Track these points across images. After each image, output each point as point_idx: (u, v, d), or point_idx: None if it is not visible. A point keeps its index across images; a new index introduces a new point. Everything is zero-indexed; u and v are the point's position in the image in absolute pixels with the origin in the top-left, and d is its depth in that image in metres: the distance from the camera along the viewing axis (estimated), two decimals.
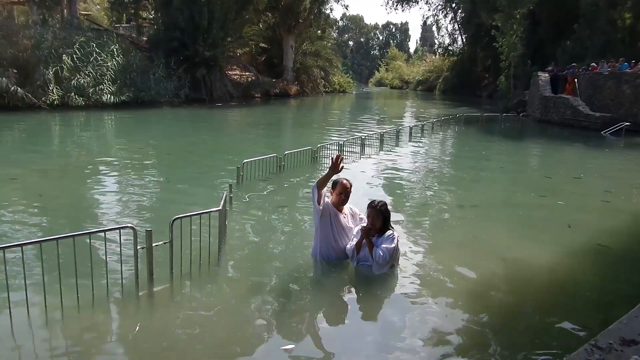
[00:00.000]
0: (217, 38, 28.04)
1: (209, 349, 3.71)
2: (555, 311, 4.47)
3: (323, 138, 15.43)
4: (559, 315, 4.34)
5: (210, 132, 17.66)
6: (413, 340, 3.87)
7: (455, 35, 59.93)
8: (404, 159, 12.59)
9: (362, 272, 4.90)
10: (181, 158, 12.01)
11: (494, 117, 23.25)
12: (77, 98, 20.97)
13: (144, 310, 4.40)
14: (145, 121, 20.01)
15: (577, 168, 12.23)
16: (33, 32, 21.78)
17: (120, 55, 23.86)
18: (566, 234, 6.66)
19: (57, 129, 17.11)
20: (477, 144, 16.80)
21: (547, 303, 4.69)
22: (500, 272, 5.29)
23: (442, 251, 5.95)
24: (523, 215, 7.64)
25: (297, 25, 38.56)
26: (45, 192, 8.16)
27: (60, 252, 4.12)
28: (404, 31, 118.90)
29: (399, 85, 74.38)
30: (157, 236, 4.61)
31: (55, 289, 4.09)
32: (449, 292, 4.75)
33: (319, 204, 4.86)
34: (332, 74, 47.28)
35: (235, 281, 4.93)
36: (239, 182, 8.45)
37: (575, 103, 21.12)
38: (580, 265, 5.67)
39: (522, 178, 11.08)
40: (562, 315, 4.34)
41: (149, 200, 8.05)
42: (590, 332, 3.60)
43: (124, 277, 4.51)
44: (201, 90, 28.21)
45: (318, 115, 28.90)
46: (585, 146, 16.29)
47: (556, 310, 4.51)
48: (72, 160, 11.50)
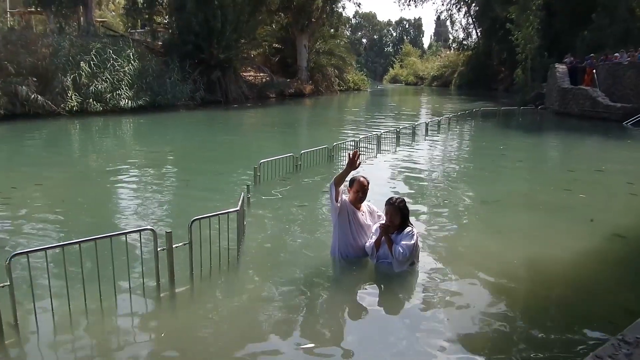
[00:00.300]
0: (231, 40, 28.18)
1: (229, 349, 3.73)
2: (580, 306, 4.40)
3: (339, 136, 15.41)
4: (584, 310, 4.27)
5: (226, 134, 17.78)
6: (435, 338, 3.84)
7: (470, 29, 59.46)
8: (420, 155, 12.50)
9: (382, 269, 4.88)
10: (198, 160, 12.11)
11: (511, 110, 22.97)
12: (95, 104, 21.27)
13: (166, 311, 4.44)
14: (162, 125, 20.22)
15: (599, 160, 12.00)
16: (51, 40, 22.14)
17: (136, 60, 24.13)
18: (589, 227, 6.54)
19: (77, 135, 17.38)
20: (495, 138, 16.61)
21: (571, 298, 4.61)
22: (522, 267, 5.22)
23: (463, 247, 5.89)
24: (544, 210, 7.52)
25: (310, 24, 38.56)
26: (67, 196, 8.29)
27: (82, 255, 4.18)
28: (418, 27, 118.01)
29: (413, 82, 73.86)
30: (176, 238, 4.65)
31: (78, 291, 4.15)
32: (471, 288, 4.70)
33: (337, 202, 4.85)
34: (346, 72, 47.16)
35: (255, 281, 4.95)
36: (256, 183, 8.48)
37: (594, 94, 20.74)
38: (604, 258, 5.56)
39: (542, 172, 10.92)
40: (587, 310, 4.27)
41: (168, 202, 8.13)
42: (616, 326, 3.52)
43: (145, 278, 4.55)
44: (216, 92, 28.38)
45: (333, 113, 28.87)
46: (606, 138, 15.99)
47: (581, 304, 4.43)
48: (93, 164, 11.67)
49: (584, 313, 4.23)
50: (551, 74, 24.82)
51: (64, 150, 13.88)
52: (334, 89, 43.00)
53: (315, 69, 40.70)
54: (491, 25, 45.38)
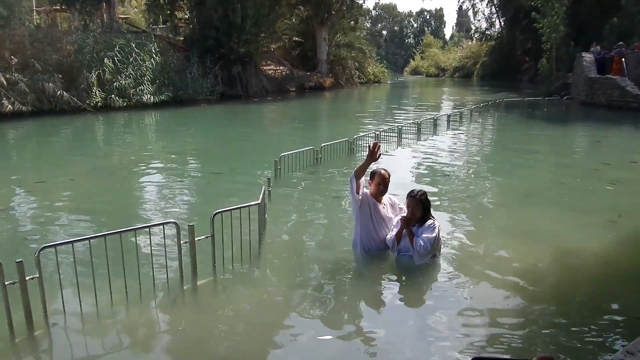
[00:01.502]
0: (251, 34, 28.24)
1: (250, 340, 3.76)
2: (609, 301, 4.29)
3: (359, 129, 15.33)
4: (613, 305, 4.17)
5: (247, 127, 17.85)
6: (457, 331, 3.80)
7: (493, 19, 58.27)
8: (442, 147, 12.35)
9: (403, 262, 4.85)
10: (220, 154, 12.19)
11: (536, 101, 22.51)
12: (118, 99, 21.60)
13: (189, 302, 4.49)
14: (184, 119, 20.42)
15: (629, 152, 11.68)
16: (75, 37, 22.50)
17: (158, 56, 24.38)
18: (618, 221, 6.38)
19: (102, 130, 17.68)
20: (520, 129, 16.32)
21: (599, 293, 4.51)
22: (547, 260, 5.12)
23: (486, 240, 5.81)
24: (571, 204, 7.36)
25: (330, 17, 38.34)
26: (93, 190, 8.44)
27: (107, 248, 4.25)
28: (439, 17, 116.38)
29: (435, 73, 72.97)
30: (199, 231, 4.69)
31: (104, 284, 4.23)
32: (493, 281, 4.63)
33: (358, 194, 4.82)
34: (366, 65, 46.85)
35: (276, 273, 4.97)
36: (277, 176, 8.50)
37: (623, 84, 20.17)
38: (633, 253, 5.42)
39: (569, 164, 10.68)
40: (616, 305, 4.17)
41: (191, 195, 8.21)
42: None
43: (169, 271, 4.61)
44: (237, 86, 28.51)
45: (354, 106, 28.74)
46: (636, 128, 15.56)
47: (609, 300, 4.33)
48: (117, 159, 11.85)
49: (613, 308, 4.13)
50: (577, 63, 24.22)
51: (89, 146, 14.12)
52: (354, 81, 42.74)
53: (335, 61, 40.50)
54: (515, 14, 44.50)
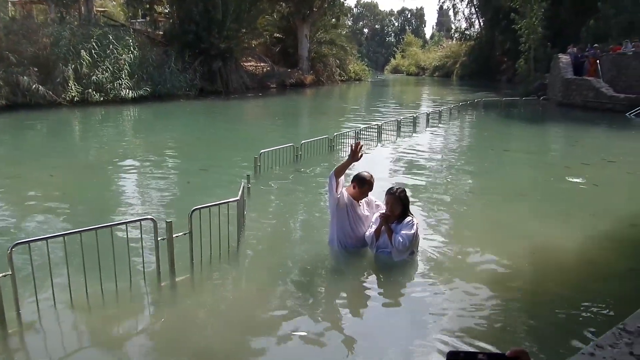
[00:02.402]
0: (231, 30, 28.02)
1: (229, 337, 3.74)
2: (582, 295, 4.39)
3: (340, 126, 15.37)
4: (586, 300, 4.26)
5: (227, 124, 17.74)
6: (434, 327, 3.84)
7: (472, 19, 58.90)
8: (422, 145, 12.46)
9: (381, 259, 4.88)
10: (199, 150, 12.09)
11: (514, 101, 22.85)
12: (95, 94, 21.23)
13: (166, 300, 4.45)
14: (163, 115, 20.18)
15: (603, 151, 11.94)
16: (52, 30, 22.02)
17: (137, 50, 24.03)
18: (591, 218, 6.52)
19: (78, 125, 17.36)
20: (497, 129, 16.56)
21: (574, 287, 4.60)
22: (524, 257, 5.21)
23: (463, 237, 5.89)
24: (546, 200, 7.51)
25: (312, 14, 38.28)
26: (69, 186, 8.29)
27: (83, 244, 4.18)
28: (420, 17, 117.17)
29: (415, 72, 73.46)
30: (177, 227, 4.65)
31: (79, 281, 4.16)
32: (470, 277, 4.69)
33: (337, 192, 4.83)
34: (348, 62, 46.93)
35: (255, 270, 4.96)
36: (257, 172, 8.47)
37: (597, 85, 20.60)
38: (608, 248, 5.55)
39: (544, 163, 10.89)
40: (588, 300, 4.26)
41: (169, 192, 8.13)
42: (618, 316, 3.52)
43: (146, 268, 4.56)
44: (217, 82, 28.27)
45: (334, 103, 28.77)
46: (610, 129, 15.91)
47: (583, 294, 4.42)
48: (94, 155, 11.66)
49: (585, 304, 4.22)
50: (554, 64, 24.64)
51: (65, 141, 13.86)
52: (335, 79, 42.77)
53: (317, 59, 40.47)
54: (494, 14, 45.05)
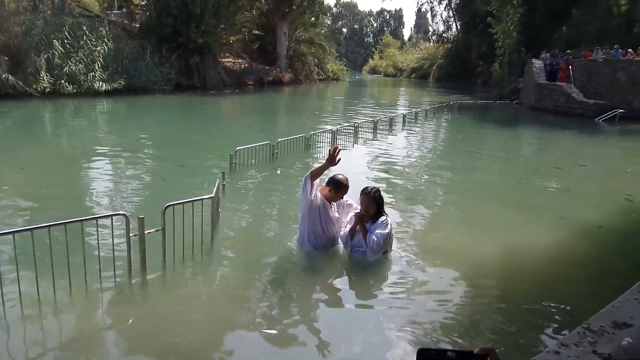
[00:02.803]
0: (210, 25, 27.73)
1: (199, 334, 3.71)
2: (548, 295, 4.49)
3: (316, 126, 15.37)
4: (554, 299, 4.37)
5: (203, 120, 17.56)
6: (406, 325, 3.88)
7: (450, 22, 59.56)
8: (397, 146, 12.57)
9: (355, 258, 4.90)
10: (174, 145, 11.93)
11: (488, 104, 23.25)
12: (68, 85, 20.74)
13: (137, 297, 4.39)
14: (137, 109, 19.86)
15: (573, 155, 12.25)
16: (23, 18, 21.42)
17: (112, 42, 23.57)
18: (559, 220, 6.68)
19: (49, 117, 16.94)
20: (471, 131, 16.81)
21: (541, 288, 4.71)
22: (495, 257, 5.31)
23: (436, 236, 5.98)
24: (518, 201, 7.66)
25: (291, 12, 38.17)
26: (38, 180, 8.09)
27: (51, 240, 4.08)
28: (398, 18, 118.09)
29: (392, 73, 74.00)
30: (149, 224, 4.57)
31: (47, 277, 4.06)
32: (442, 278, 4.76)
33: (311, 195, 4.82)
34: (326, 62, 46.97)
35: (228, 268, 4.92)
36: (232, 170, 8.41)
37: (569, 90, 21.10)
38: (577, 249, 5.70)
39: (516, 165, 11.11)
40: (556, 299, 4.37)
41: (142, 188, 8.00)
42: (582, 316, 3.61)
43: (117, 264, 4.48)
44: (194, 77, 27.93)
45: (312, 102, 28.77)
46: (579, 133, 16.32)
47: (550, 294, 4.53)
48: (65, 148, 11.41)
49: (553, 304, 4.33)
50: (528, 69, 25.15)
51: (35, 133, 13.51)
52: (313, 78, 42.76)
53: (295, 57, 40.39)
54: (471, 18, 45.69)
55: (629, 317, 2.69)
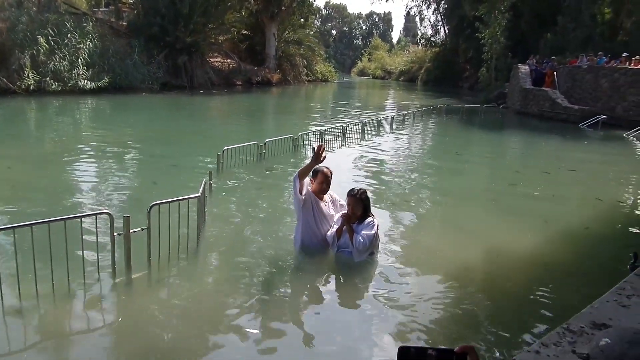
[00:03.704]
0: (198, 24, 27.63)
1: (183, 334, 3.69)
2: (530, 296, 4.56)
3: (304, 126, 15.38)
4: (534, 300, 4.43)
5: (190, 119, 17.46)
6: (391, 328, 3.91)
7: (438, 26, 60.09)
8: (385, 148, 12.63)
9: (342, 259, 4.92)
10: (160, 144, 11.85)
11: (475, 108, 23.47)
12: (53, 83, 20.49)
13: (122, 297, 4.35)
14: (123, 108, 19.69)
15: (558, 160, 12.40)
16: (8, 14, 21.13)
17: (98, 40, 23.35)
18: (544, 224, 6.77)
19: (33, 115, 16.73)
20: (458, 134, 16.95)
21: (523, 289, 4.77)
22: (480, 258, 5.36)
23: (422, 237, 6.02)
24: (503, 204, 7.74)
25: (280, 12, 38.18)
26: (20, 178, 7.99)
27: (34, 238, 4.03)
28: (387, 21, 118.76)
29: (381, 76, 74.35)
30: (135, 223, 4.55)
31: (29, 277, 4.02)
32: (427, 277, 4.81)
33: (301, 194, 4.84)
34: (315, 63, 47.04)
35: (213, 268, 4.91)
36: (219, 170, 8.39)
37: (554, 96, 21.39)
38: (559, 254, 5.77)
39: (502, 169, 11.22)
40: (536, 301, 4.43)
41: (127, 187, 7.94)
42: (562, 316, 3.67)
43: (101, 264, 4.44)
44: (182, 77, 27.79)
45: (300, 103, 28.78)
46: (564, 139, 16.53)
47: (531, 295, 4.59)
48: (49, 146, 11.27)
49: (533, 304, 4.39)
50: (514, 74, 25.44)
51: (19, 131, 13.33)
52: (302, 79, 42.80)
53: (284, 58, 40.40)
54: (459, 23, 46.11)
55: (608, 318, 2.75)
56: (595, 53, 22.64)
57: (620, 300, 3.28)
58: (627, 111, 19.21)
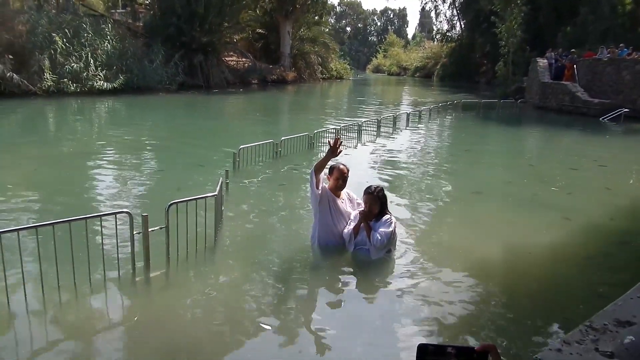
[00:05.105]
0: (214, 24, 27.79)
1: (203, 333, 3.72)
2: (552, 294, 4.50)
3: (320, 124, 15.36)
4: (556, 298, 4.37)
5: (207, 119, 17.58)
6: (410, 325, 3.89)
7: (454, 21, 59.44)
8: (401, 145, 12.56)
9: (359, 257, 4.91)
10: (178, 144, 11.95)
11: (492, 103, 23.20)
12: (71, 84, 20.80)
13: (141, 295, 4.41)
14: (141, 108, 19.91)
15: (577, 155, 12.20)
16: (28, 17, 21.50)
17: (116, 41, 23.64)
18: (564, 221, 6.66)
19: (54, 116, 17.01)
20: (475, 130, 16.78)
21: (544, 287, 4.71)
22: (498, 256, 5.31)
23: (440, 235, 5.97)
24: (522, 202, 7.63)
25: (294, 10, 38.20)
26: (42, 178, 8.14)
27: (56, 237, 4.10)
28: (402, 17, 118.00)
29: (396, 72, 73.94)
30: (153, 222, 4.59)
31: (52, 275, 4.08)
32: (445, 274, 4.76)
33: (317, 189, 4.83)
34: (329, 60, 46.98)
35: (231, 266, 4.93)
36: (236, 168, 8.43)
37: (573, 89, 21.04)
38: (577, 251, 5.68)
39: (520, 165, 11.06)
40: (558, 298, 4.37)
41: (146, 186, 8.03)
42: (585, 314, 3.61)
43: (121, 262, 4.50)
44: (198, 76, 27.99)
45: (315, 101, 28.77)
46: (584, 133, 16.26)
47: (553, 293, 4.53)
48: (70, 147, 11.44)
49: (555, 301, 4.33)
50: (532, 68, 25.07)
51: (40, 132, 13.57)
52: (317, 76, 42.78)
53: (299, 56, 40.44)
54: (475, 17, 45.57)
55: (632, 316, 2.69)
56: (616, 45, 22.18)
57: None
58: None
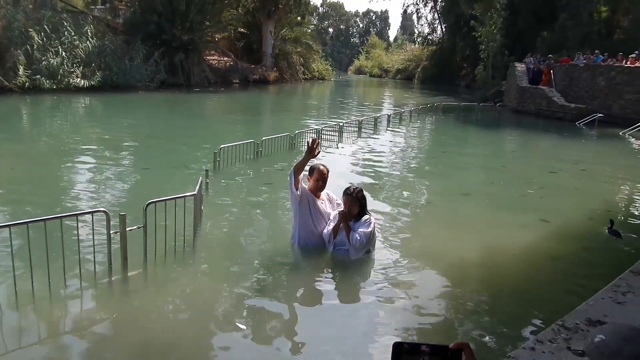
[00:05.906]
0: (195, 22, 27.57)
1: (180, 332, 3.69)
2: (526, 294, 4.57)
3: (301, 124, 15.36)
4: (530, 299, 4.44)
5: (187, 118, 17.42)
6: (388, 324, 3.92)
7: (435, 24, 60.08)
8: (381, 146, 12.63)
9: (339, 257, 4.92)
10: (157, 143, 11.82)
11: (472, 106, 23.49)
12: (48, 81, 20.39)
13: (118, 295, 4.35)
14: (120, 106, 19.63)
15: (553, 158, 12.43)
16: (4, 12, 21.00)
17: (94, 37, 23.26)
18: (539, 223, 6.77)
19: (29, 113, 16.66)
20: (455, 132, 16.97)
21: (519, 287, 4.78)
22: (477, 257, 5.37)
23: (419, 236, 6.02)
24: (499, 204, 7.75)
25: (277, 10, 38.09)
26: (17, 176, 7.96)
27: (30, 236, 4.02)
28: (384, 19, 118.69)
29: (378, 74, 74.34)
30: (131, 221, 4.54)
31: (26, 275, 4.00)
32: (423, 277, 4.80)
33: (297, 190, 4.84)
34: (312, 61, 46.99)
35: (210, 266, 4.90)
36: (216, 168, 8.38)
37: (550, 94, 21.43)
38: (555, 252, 5.79)
39: (497, 168, 11.22)
40: (532, 299, 4.44)
41: (124, 185, 7.92)
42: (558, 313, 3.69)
43: (98, 262, 4.43)
44: (178, 75, 27.70)
45: (297, 101, 28.75)
46: (560, 137, 16.57)
47: (527, 294, 4.61)
48: (45, 144, 11.23)
49: (529, 301, 4.40)
50: (511, 72, 25.47)
51: (14, 129, 13.28)
52: (299, 77, 42.73)
53: (281, 56, 40.32)
54: (456, 21, 46.09)
55: (603, 315, 2.76)
56: (592, 51, 22.67)
57: (615, 297, 3.29)
58: (624, 109, 19.29)
